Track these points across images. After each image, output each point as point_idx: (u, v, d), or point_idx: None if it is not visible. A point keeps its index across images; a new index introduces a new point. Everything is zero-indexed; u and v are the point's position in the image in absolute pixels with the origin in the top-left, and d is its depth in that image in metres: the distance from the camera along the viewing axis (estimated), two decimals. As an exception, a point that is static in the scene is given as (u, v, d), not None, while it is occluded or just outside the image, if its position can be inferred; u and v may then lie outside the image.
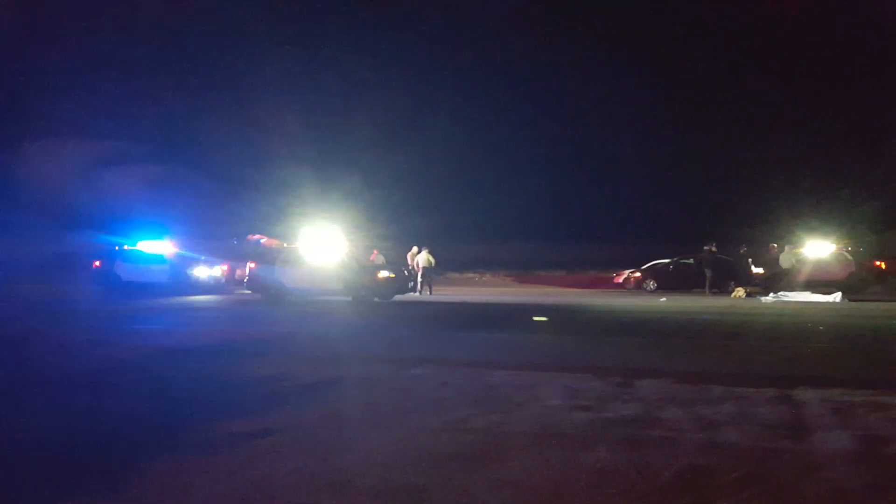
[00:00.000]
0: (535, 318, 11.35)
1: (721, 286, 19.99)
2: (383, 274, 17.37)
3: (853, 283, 19.40)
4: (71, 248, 23.98)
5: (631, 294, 21.36)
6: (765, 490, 3.23)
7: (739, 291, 19.12)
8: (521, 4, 37.04)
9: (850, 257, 20.33)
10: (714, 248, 20.38)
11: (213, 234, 24.49)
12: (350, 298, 16.98)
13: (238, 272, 20.22)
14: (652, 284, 22.12)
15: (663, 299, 17.99)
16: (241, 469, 3.52)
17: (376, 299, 17.05)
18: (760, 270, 20.52)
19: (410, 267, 20.22)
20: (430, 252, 20.83)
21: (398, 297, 17.83)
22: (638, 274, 22.65)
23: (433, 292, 20.58)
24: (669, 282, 21.97)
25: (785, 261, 19.68)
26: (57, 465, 3.69)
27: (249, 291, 18.84)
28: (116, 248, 21.05)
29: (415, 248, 20.93)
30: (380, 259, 20.10)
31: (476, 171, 35.80)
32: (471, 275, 29.75)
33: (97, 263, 20.84)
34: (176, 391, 5.60)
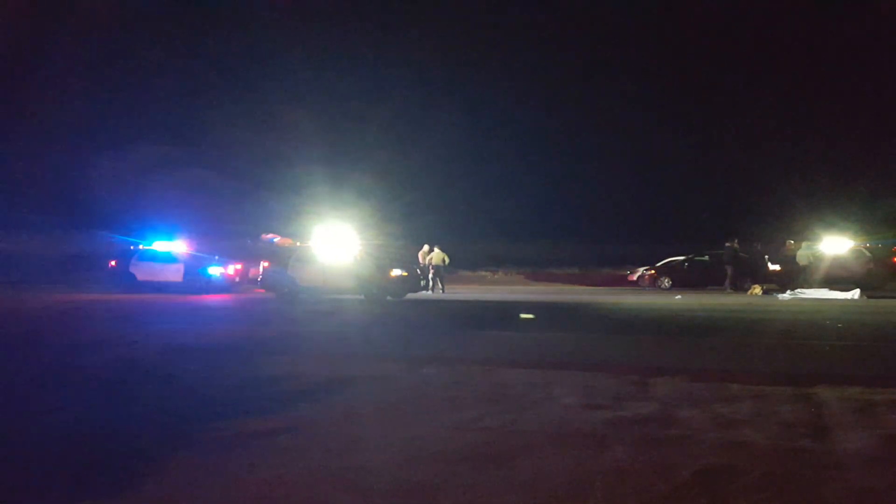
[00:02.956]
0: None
1: (738, 283, 19.80)
2: (396, 272, 17.38)
3: (871, 280, 19.14)
4: (87, 248, 24.22)
5: (645, 292, 21.21)
6: (784, 490, 3.17)
7: (756, 289, 18.92)
8: (532, 7, 36.93)
9: (868, 253, 20.07)
10: (737, 245, 20.19)
11: (226, 234, 24.65)
12: (363, 297, 17.00)
13: (251, 271, 20.34)
14: (667, 282, 21.95)
15: (678, 297, 17.84)
16: (255, 468, 3.52)
17: (389, 298, 17.05)
18: (777, 267, 20.30)
19: (422, 265, 20.21)
20: (442, 250, 20.79)
21: (411, 296, 17.82)
22: (652, 271, 22.48)
23: (445, 290, 20.55)
24: (684, 279, 21.79)
25: (802, 257, 19.46)
26: (71, 463, 3.70)
27: (263, 290, 18.93)
28: (132, 247, 21.22)
29: (426, 247, 20.91)
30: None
31: (488, 170, 35.77)
32: (483, 273, 29.68)
33: (113, 263, 21.01)
34: (190, 390, 5.62)
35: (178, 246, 20.84)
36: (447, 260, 20.94)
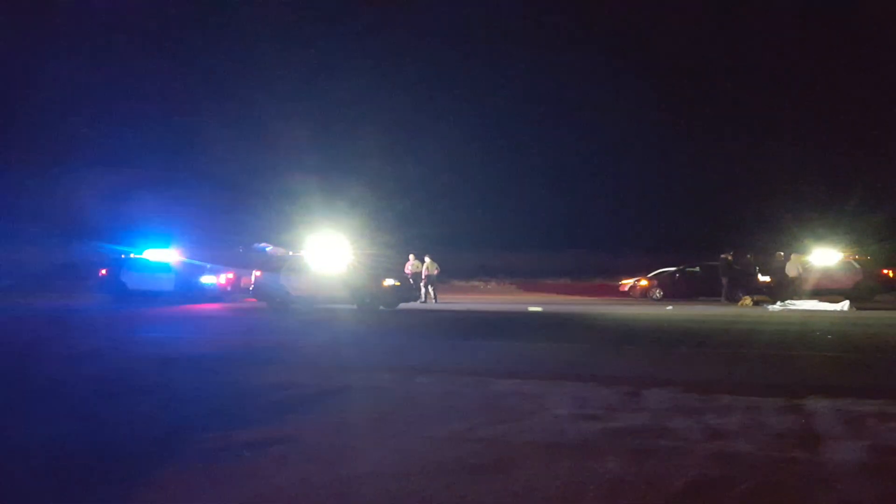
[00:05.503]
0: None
1: (731, 295, 19.87)
2: (388, 282, 17.39)
3: (861, 292, 19.28)
4: (77, 257, 24.07)
5: (637, 302, 21.27)
6: (776, 501, 3.19)
7: (746, 300, 19.03)
8: (527, 14, 37.23)
9: (857, 265, 20.24)
10: (731, 257, 20.28)
11: (218, 243, 24.56)
12: (355, 306, 16.97)
13: (244, 280, 20.26)
14: (658, 293, 22.01)
15: (669, 308, 17.90)
16: (247, 479, 3.51)
17: (381, 307, 17.04)
18: (767, 279, 20.42)
19: (411, 275, 20.24)
20: (433, 259, 20.79)
21: (403, 305, 17.81)
22: (644, 282, 22.54)
23: (437, 300, 20.55)
24: (675, 290, 21.85)
25: (792, 269, 19.58)
26: (63, 473, 3.68)
27: (255, 299, 18.86)
28: (123, 256, 21.10)
29: (411, 257, 20.89)
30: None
31: (481, 180, 35.85)
32: (476, 283, 29.70)
33: (103, 272, 20.87)
34: (182, 400, 5.59)
35: (170, 255, 20.74)
36: (437, 269, 20.94)
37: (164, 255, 20.68)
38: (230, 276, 21.04)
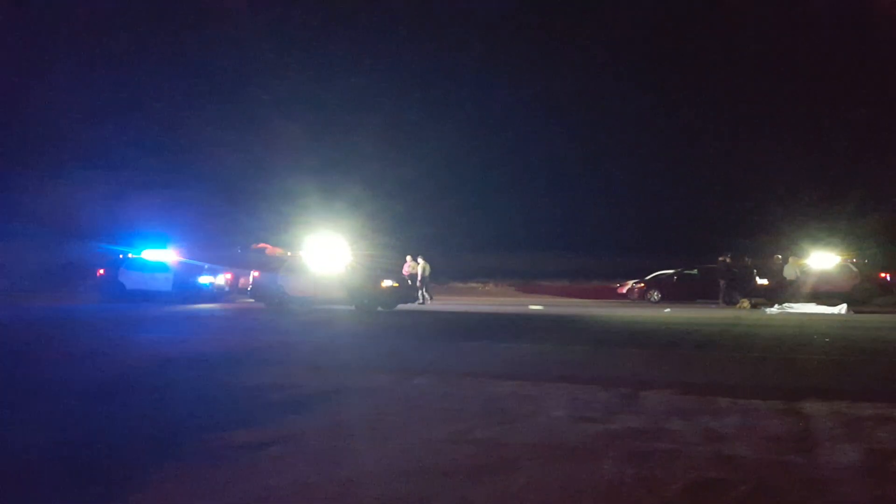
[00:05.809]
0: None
1: (729, 298, 19.91)
2: (387, 283, 17.40)
3: (858, 295, 19.36)
4: (76, 257, 24.05)
5: (634, 305, 21.29)
6: (773, 504, 3.19)
7: (744, 303, 19.08)
8: (525, 15, 37.30)
9: (854, 268, 20.30)
10: (729, 260, 20.33)
11: (217, 243, 24.54)
12: (353, 307, 16.97)
13: (242, 280, 20.30)
14: (656, 295, 22.05)
15: (667, 310, 17.92)
16: (242, 480, 3.50)
17: (379, 308, 17.05)
18: (765, 281, 20.47)
19: (408, 276, 20.27)
20: (425, 260, 20.85)
21: (401, 307, 17.81)
22: (641, 284, 22.58)
23: (433, 300, 20.58)
24: (673, 293, 21.90)
25: (789, 272, 19.63)
26: (56, 474, 3.67)
27: (253, 300, 18.87)
28: (121, 256, 21.08)
29: (408, 258, 20.92)
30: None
31: (479, 181, 35.85)
32: (474, 284, 29.71)
33: (101, 272, 20.86)
34: (178, 401, 5.58)
35: (168, 254, 20.73)
36: (430, 269, 21.01)
37: (162, 256, 20.67)
38: (228, 276, 21.06)
